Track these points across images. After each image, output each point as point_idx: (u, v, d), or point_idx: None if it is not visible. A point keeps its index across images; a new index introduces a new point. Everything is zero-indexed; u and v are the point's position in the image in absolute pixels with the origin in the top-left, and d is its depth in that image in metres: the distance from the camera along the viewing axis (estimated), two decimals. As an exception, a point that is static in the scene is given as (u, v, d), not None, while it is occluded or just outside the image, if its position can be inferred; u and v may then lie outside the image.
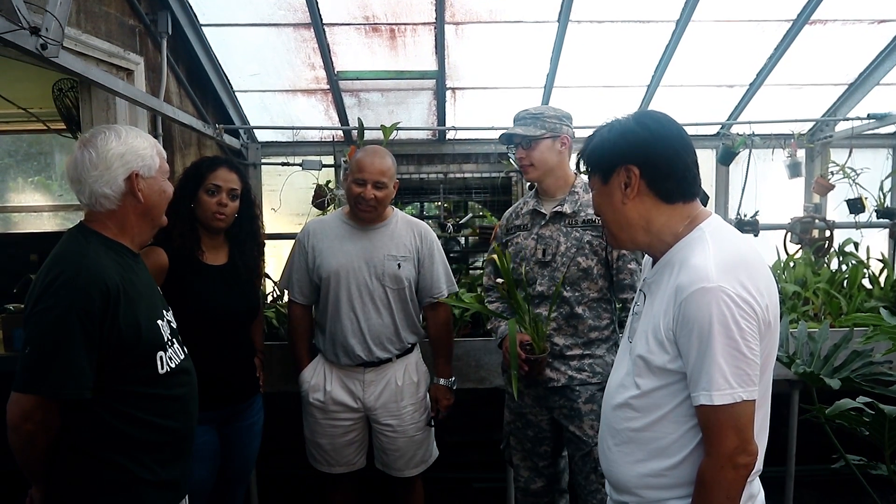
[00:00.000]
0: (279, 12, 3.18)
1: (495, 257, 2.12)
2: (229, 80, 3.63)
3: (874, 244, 3.80)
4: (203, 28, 3.25)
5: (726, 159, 4.00)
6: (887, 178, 3.98)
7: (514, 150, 2.17)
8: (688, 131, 1.32)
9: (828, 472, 2.65)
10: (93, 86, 2.43)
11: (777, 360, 1.99)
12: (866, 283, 3.28)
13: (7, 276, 2.90)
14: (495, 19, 3.28)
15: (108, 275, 1.40)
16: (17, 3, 1.57)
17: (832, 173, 4.00)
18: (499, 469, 3.00)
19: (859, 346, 2.37)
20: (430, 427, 2.40)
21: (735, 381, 1.13)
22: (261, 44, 3.41)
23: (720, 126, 4.10)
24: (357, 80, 3.63)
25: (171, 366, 1.53)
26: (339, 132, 4.10)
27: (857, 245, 3.66)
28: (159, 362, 1.50)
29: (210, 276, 2.06)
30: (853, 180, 3.88)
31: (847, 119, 3.89)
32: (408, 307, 2.32)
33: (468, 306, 2.46)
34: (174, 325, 1.63)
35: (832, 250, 3.79)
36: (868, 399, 2.10)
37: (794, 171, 3.99)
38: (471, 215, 4.00)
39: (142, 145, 1.53)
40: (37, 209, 4.41)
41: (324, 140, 4.16)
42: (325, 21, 3.22)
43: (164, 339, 1.53)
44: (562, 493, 2.27)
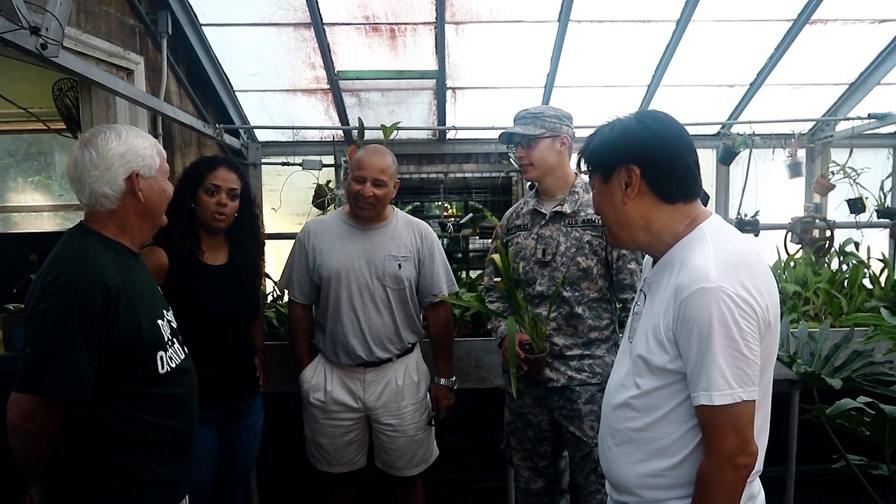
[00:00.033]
0: (279, 12, 3.18)
1: (495, 257, 2.12)
2: (229, 80, 3.63)
3: (875, 244, 3.80)
4: (203, 28, 3.25)
5: (727, 159, 4.00)
6: (888, 177, 3.98)
7: (514, 150, 2.17)
8: (688, 131, 1.32)
9: (828, 472, 2.65)
10: (93, 85, 2.43)
11: (778, 359, 1.98)
12: (867, 282, 3.28)
13: (7, 275, 2.90)
14: (495, 19, 3.28)
15: (108, 275, 1.40)
16: (17, 3, 1.57)
17: (833, 173, 4.00)
18: (499, 469, 3.00)
19: (860, 346, 2.37)
20: (430, 426, 2.40)
21: (735, 381, 1.13)
22: (261, 43, 3.41)
23: (720, 126, 4.09)
24: (357, 79, 3.63)
25: (172, 366, 1.53)
26: (340, 132, 4.09)
27: (857, 245, 3.66)
28: (160, 362, 1.49)
29: (210, 276, 2.06)
30: (854, 180, 3.88)
31: (848, 119, 3.88)
32: (408, 307, 2.32)
33: (468, 304, 2.46)
34: (174, 324, 1.63)
35: (833, 250, 3.79)
36: (868, 399, 2.09)
37: (794, 170, 3.99)
38: (471, 215, 3.99)
39: (142, 145, 1.53)
40: (37, 209, 4.40)
41: (324, 140, 4.16)
42: (325, 21, 3.22)
43: (165, 339, 1.53)
44: (562, 493, 2.26)
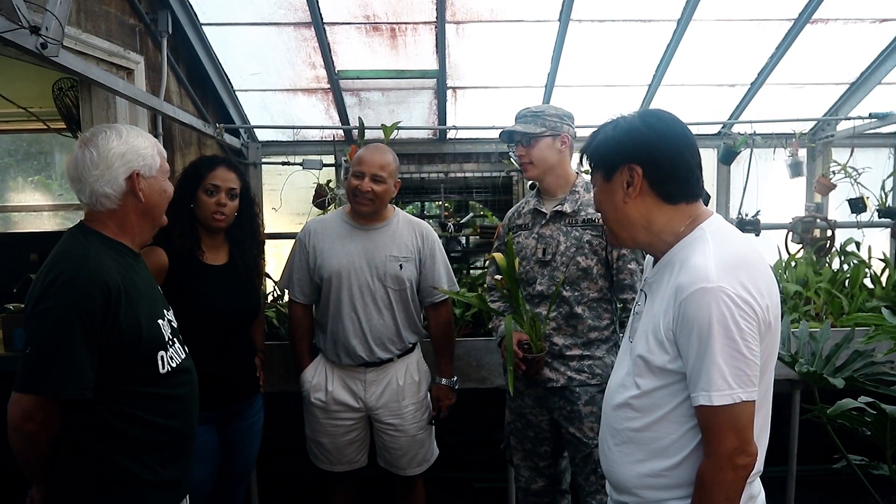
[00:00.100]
0: (279, 11, 3.18)
1: (497, 256, 2.12)
2: (230, 80, 3.63)
3: (876, 244, 3.79)
4: (203, 27, 3.25)
5: (727, 159, 4.00)
6: (889, 177, 3.97)
7: (515, 148, 2.17)
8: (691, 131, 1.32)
9: (829, 472, 2.65)
10: (93, 85, 2.43)
11: (779, 359, 1.98)
12: (868, 282, 3.28)
13: (7, 275, 2.89)
14: (496, 18, 3.28)
15: (108, 274, 1.40)
16: (17, 3, 1.56)
17: (834, 173, 3.99)
18: (500, 469, 3.00)
19: (861, 345, 2.37)
20: (430, 426, 2.40)
21: (734, 381, 1.12)
22: (261, 43, 3.41)
23: (721, 125, 4.09)
24: (358, 79, 3.63)
25: (172, 365, 1.53)
26: (340, 131, 4.09)
27: (858, 245, 3.66)
28: (160, 362, 1.49)
29: (210, 276, 2.05)
30: (855, 180, 3.87)
31: (849, 118, 3.87)
32: (409, 307, 2.32)
33: (469, 302, 2.45)
34: (175, 324, 1.63)
35: (833, 250, 3.79)
36: (869, 399, 2.09)
37: (795, 170, 3.98)
38: (472, 215, 3.99)
39: (143, 144, 1.52)
40: (37, 209, 4.39)
41: (324, 139, 4.16)
42: (325, 20, 3.22)
43: (165, 339, 1.53)
44: (563, 493, 2.26)
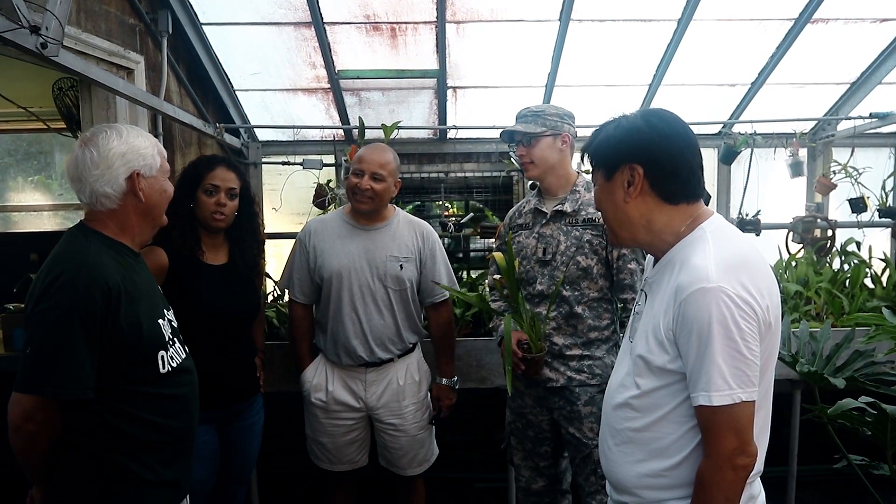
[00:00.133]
0: (280, 11, 3.17)
1: (497, 255, 2.11)
2: (230, 79, 3.62)
3: (876, 244, 3.79)
4: (203, 27, 3.24)
5: (728, 158, 3.99)
6: (889, 177, 3.96)
7: (515, 148, 2.17)
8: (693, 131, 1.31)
9: (830, 472, 2.64)
10: (93, 85, 2.43)
11: (780, 359, 1.98)
12: (868, 282, 3.28)
13: (7, 275, 2.89)
14: (496, 18, 3.27)
15: (109, 274, 1.40)
16: (17, 2, 1.56)
17: (834, 172, 3.99)
18: (500, 469, 3.00)
19: (861, 345, 2.37)
20: (431, 425, 2.40)
21: (734, 381, 1.12)
22: (261, 43, 3.41)
23: (722, 125, 4.08)
24: (358, 78, 3.63)
25: (173, 365, 1.53)
26: (340, 131, 4.09)
27: (859, 244, 3.65)
28: (161, 362, 1.49)
29: (210, 276, 2.05)
30: (855, 179, 3.87)
31: (849, 118, 3.87)
32: (409, 307, 2.31)
33: (470, 301, 2.45)
34: (175, 324, 1.63)
35: (834, 250, 3.79)
36: (870, 399, 2.09)
37: (795, 170, 3.98)
38: (472, 214, 3.99)
39: (143, 144, 1.52)
40: (37, 208, 4.39)
41: (325, 139, 4.16)
42: (325, 20, 3.22)
43: (166, 339, 1.53)
44: (564, 493, 2.26)
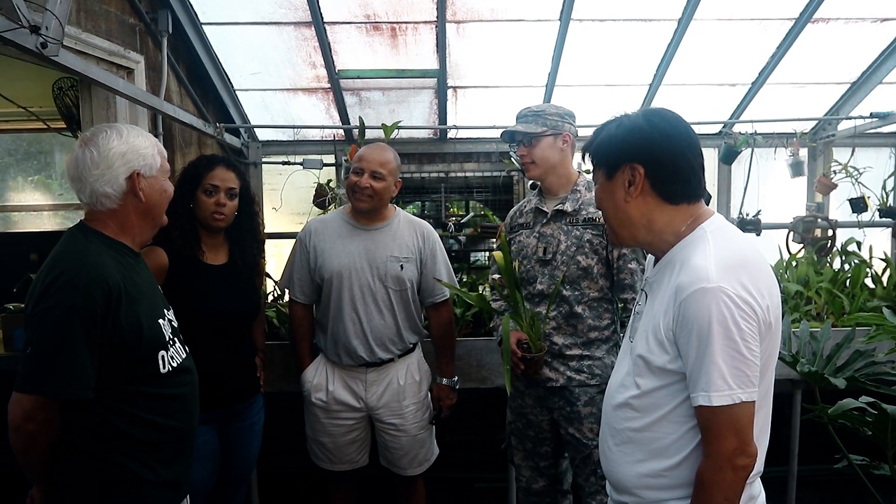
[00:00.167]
0: (280, 11, 3.17)
1: (497, 254, 2.11)
2: (230, 79, 3.62)
3: (877, 243, 3.79)
4: (204, 27, 3.24)
5: (728, 158, 3.99)
6: (890, 177, 3.96)
7: (516, 148, 2.17)
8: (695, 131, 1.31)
9: (830, 472, 2.64)
10: (93, 84, 2.42)
11: (780, 359, 1.97)
12: (869, 282, 3.27)
13: (7, 275, 2.89)
14: (497, 18, 3.27)
15: (109, 274, 1.40)
16: (17, 2, 1.56)
17: (835, 172, 3.99)
18: (500, 469, 3.00)
19: (862, 345, 2.37)
20: (431, 425, 2.40)
21: (734, 382, 1.12)
22: (261, 42, 3.41)
23: (722, 125, 4.09)
24: (358, 78, 3.63)
25: (173, 365, 1.53)
26: (341, 131, 4.09)
27: (859, 244, 3.65)
28: (161, 361, 1.49)
29: (210, 276, 2.05)
30: (856, 179, 3.87)
31: (850, 118, 3.87)
32: (410, 308, 2.31)
33: (471, 301, 2.45)
34: (175, 324, 1.63)
35: (834, 250, 3.79)
36: (871, 399, 2.09)
37: (796, 170, 3.98)
38: (472, 214, 3.99)
39: (143, 144, 1.52)
40: (37, 208, 4.39)
41: (325, 139, 4.16)
42: (326, 19, 3.22)
43: (166, 339, 1.53)
44: (565, 494, 2.25)
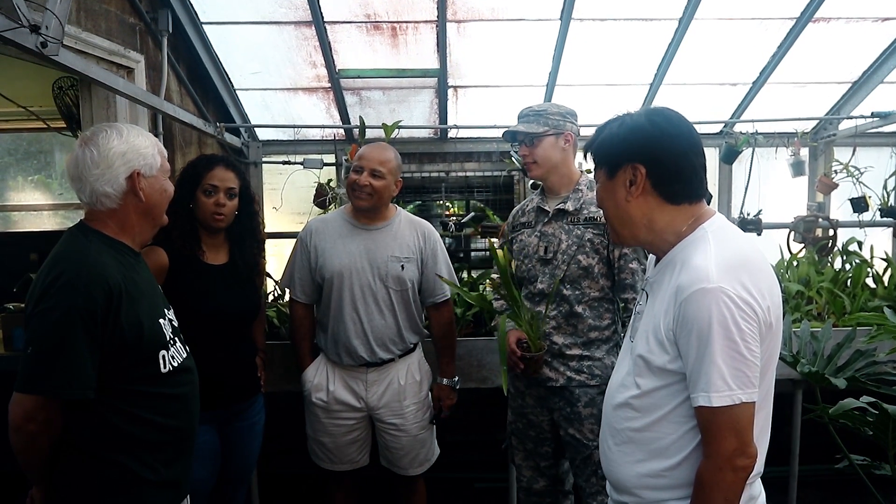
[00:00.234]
0: (280, 10, 3.17)
1: (498, 253, 2.11)
2: (230, 79, 3.62)
3: (878, 243, 3.78)
4: (204, 26, 3.24)
5: (729, 158, 3.99)
6: (891, 176, 3.95)
7: (518, 148, 2.16)
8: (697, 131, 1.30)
9: (831, 472, 2.64)
10: (93, 84, 2.42)
11: (781, 359, 1.96)
12: (870, 282, 3.27)
13: (7, 275, 2.89)
14: (497, 17, 3.27)
15: (109, 274, 1.40)
16: (17, 1, 1.56)
17: (836, 172, 3.98)
18: (501, 469, 3.00)
19: (863, 345, 2.37)
20: (432, 425, 2.40)
21: (734, 382, 1.12)
22: (262, 42, 3.40)
23: (723, 124, 4.08)
24: (358, 78, 3.62)
25: (174, 364, 1.53)
26: (341, 130, 4.09)
27: (860, 244, 3.65)
28: (161, 361, 1.49)
29: (211, 276, 2.05)
30: (857, 179, 3.86)
31: (851, 117, 3.86)
32: (410, 308, 2.31)
33: (472, 301, 2.45)
34: (175, 323, 1.63)
35: (835, 249, 3.78)
36: (871, 399, 2.08)
37: (797, 169, 3.97)
38: (472, 214, 3.98)
39: (143, 144, 1.52)
40: (37, 208, 4.39)
41: (325, 139, 4.16)
42: (326, 19, 3.21)
43: (167, 338, 1.53)
44: (566, 494, 2.25)
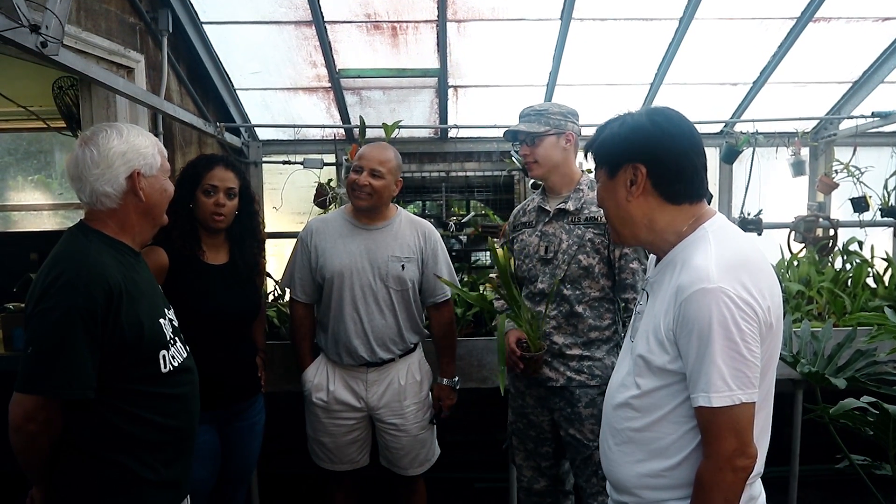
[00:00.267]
0: (280, 10, 3.17)
1: (499, 252, 2.11)
2: (230, 78, 3.62)
3: (878, 243, 3.77)
4: (204, 26, 3.24)
5: (730, 158, 3.98)
6: (892, 176, 3.94)
7: (519, 147, 2.16)
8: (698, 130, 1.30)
9: (832, 472, 2.63)
10: (93, 84, 2.42)
11: (781, 359, 1.96)
12: (870, 281, 3.27)
13: (7, 274, 2.89)
14: (497, 17, 3.27)
15: (109, 273, 1.40)
16: (17, 1, 1.56)
17: (836, 172, 3.98)
18: (501, 469, 2.99)
19: (863, 345, 2.36)
20: (432, 425, 2.40)
21: (734, 383, 1.12)
22: (262, 42, 3.40)
23: (724, 124, 4.08)
24: (359, 77, 3.62)
25: (174, 364, 1.52)
26: (341, 130, 4.09)
27: (861, 244, 3.65)
28: (162, 361, 1.49)
29: (211, 276, 2.04)
30: (857, 179, 3.86)
31: (851, 117, 3.86)
32: (411, 308, 2.31)
33: (469, 299, 2.44)
34: (176, 323, 1.62)
35: (836, 249, 3.78)
36: (872, 399, 2.08)
37: (797, 169, 3.97)
38: (473, 214, 3.98)
39: (143, 143, 1.52)
40: (37, 208, 4.39)
41: (325, 138, 4.16)
42: (326, 19, 3.21)
43: (167, 338, 1.53)
44: (566, 494, 2.25)
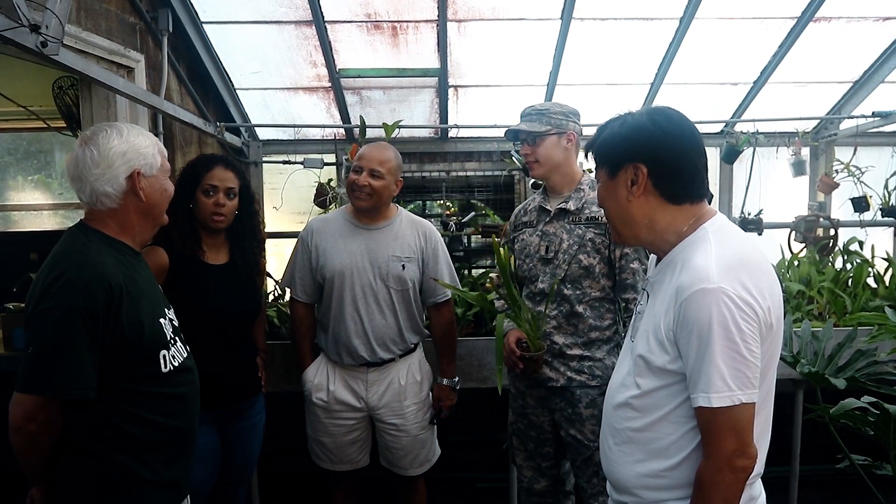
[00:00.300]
0: (280, 10, 3.17)
1: (500, 251, 2.11)
2: (230, 78, 3.62)
3: (879, 243, 3.78)
4: (204, 25, 3.24)
5: (730, 157, 3.98)
6: (892, 176, 3.94)
7: (520, 147, 2.16)
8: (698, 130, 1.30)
9: (832, 472, 2.63)
10: (93, 83, 2.41)
11: (781, 359, 1.96)
12: (871, 281, 3.27)
13: (7, 274, 2.89)
14: (498, 16, 3.27)
15: (110, 273, 1.40)
16: (17, 1, 1.56)
17: (837, 171, 3.97)
18: (502, 469, 2.99)
19: (864, 345, 2.36)
20: (432, 425, 2.40)
21: (734, 383, 1.12)
22: (262, 41, 3.40)
23: (724, 124, 4.08)
24: (359, 77, 3.62)
25: (174, 364, 1.52)
26: (341, 130, 4.09)
27: (861, 244, 3.65)
28: (162, 361, 1.49)
29: (211, 276, 2.04)
30: (858, 178, 3.85)
31: (852, 117, 3.86)
32: (411, 308, 2.31)
33: (472, 301, 2.44)
34: (176, 323, 1.62)
35: (836, 249, 3.78)
36: (872, 399, 2.08)
37: (798, 169, 3.97)
38: (473, 213, 3.98)
39: (143, 143, 1.52)
40: (37, 208, 4.40)
41: (325, 138, 4.15)
42: (326, 18, 3.21)
43: (167, 338, 1.53)
44: (567, 494, 2.25)
